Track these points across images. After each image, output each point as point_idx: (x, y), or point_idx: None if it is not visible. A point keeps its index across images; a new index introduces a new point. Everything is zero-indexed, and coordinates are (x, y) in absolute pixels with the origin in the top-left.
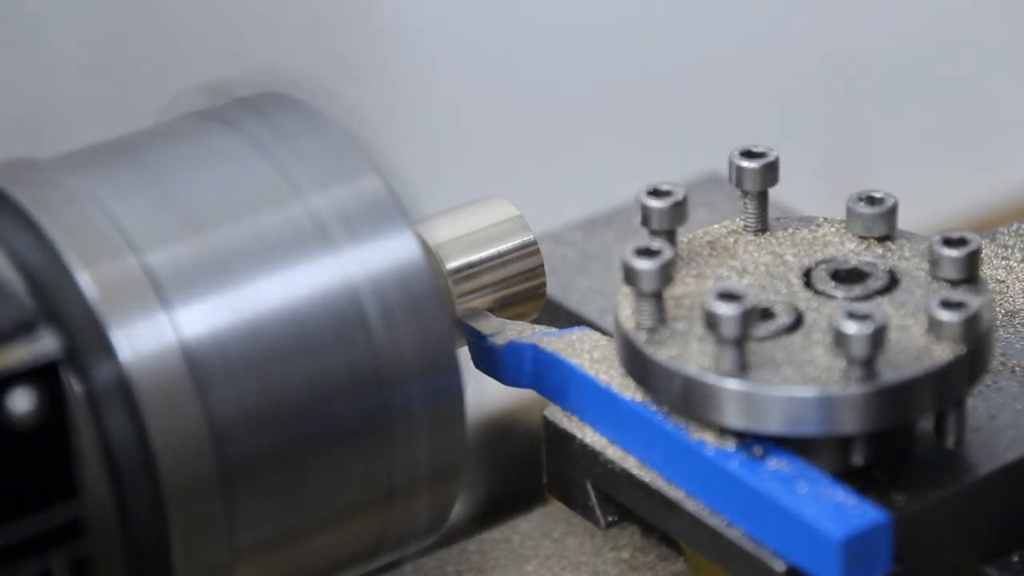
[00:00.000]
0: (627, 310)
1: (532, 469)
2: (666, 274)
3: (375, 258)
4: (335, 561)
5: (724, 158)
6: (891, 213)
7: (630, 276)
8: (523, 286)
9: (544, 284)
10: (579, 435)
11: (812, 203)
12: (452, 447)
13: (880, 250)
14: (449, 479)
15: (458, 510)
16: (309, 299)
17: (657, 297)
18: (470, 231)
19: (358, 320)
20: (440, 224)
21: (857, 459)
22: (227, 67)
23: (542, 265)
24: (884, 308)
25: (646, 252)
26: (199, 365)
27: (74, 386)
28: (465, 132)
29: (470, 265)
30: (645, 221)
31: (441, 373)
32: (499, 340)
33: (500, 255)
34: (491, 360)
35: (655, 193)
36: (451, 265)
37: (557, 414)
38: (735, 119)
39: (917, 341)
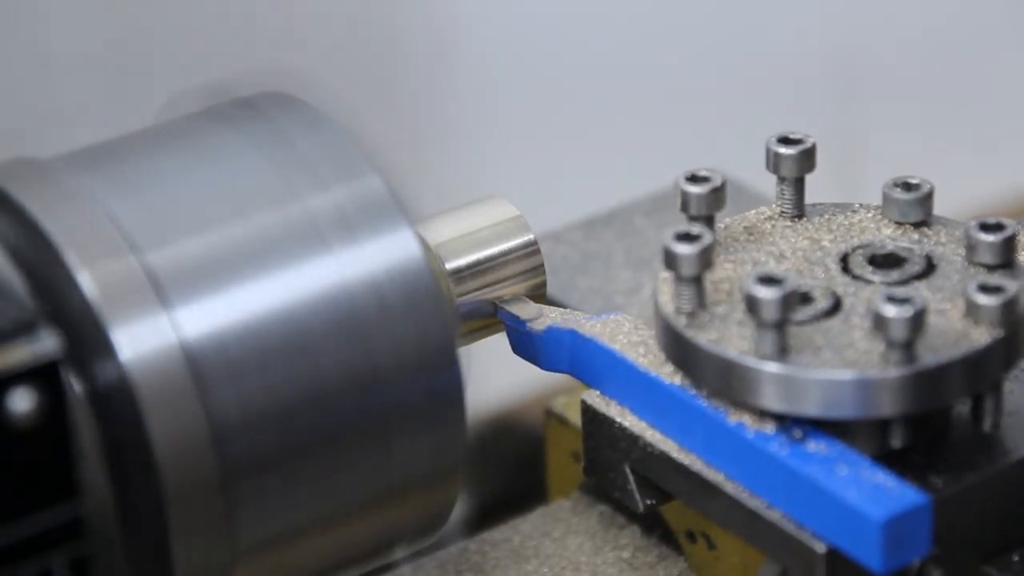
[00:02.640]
0: (666, 295)
1: (532, 469)
2: (706, 258)
3: (375, 258)
4: (335, 561)
5: (725, 157)
6: (927, 199)
7: (670, 261)
8: (523, 286)
9: (544, 284)
10: (618, 419)
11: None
12: (452, 446)
13: (916, 235)
14: (449, 478)
15: (458, 510)
16: (310, 298)
17: (697, 281)
18: (470, 231)
19: (358, 320)
20: (440, 224)
21: (895, 442)
22: (227, 67)
23: (542, 265)
24: (922, 293)
25: (686, 237)
26: (199, 365)
27: (74, 386)
28: (466, 132)
29: (470, 265)
30: (684, 207)
31: (441, 372)
32: (537, 325)
33: (500, 255)
34: (529, 345)
35: (693, 179)
36: (451, 265)
37: (595, 399)
38: (736, 118)
39: (955, 325)
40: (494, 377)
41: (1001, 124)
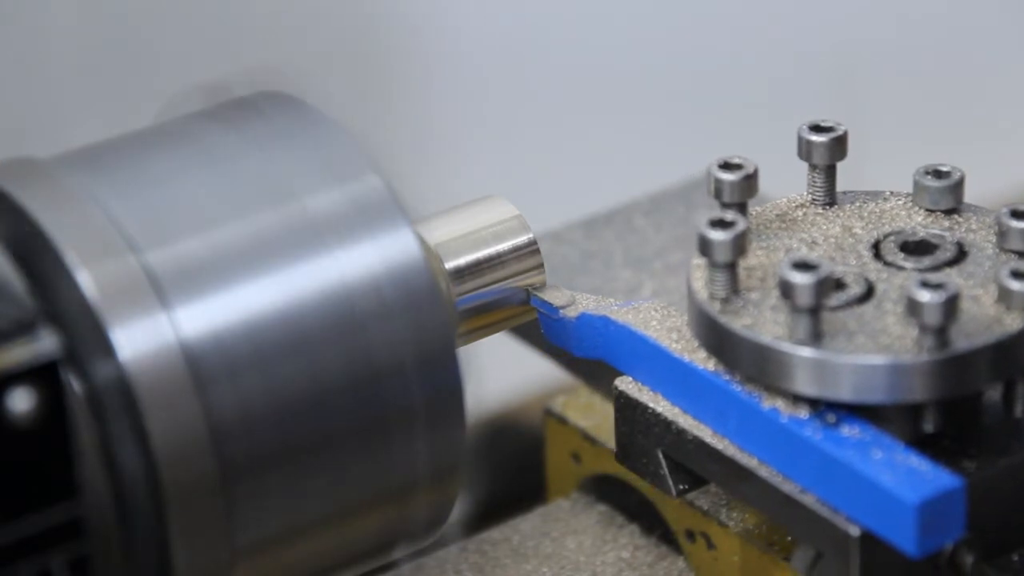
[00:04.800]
0: (700, 281)
1: (532, 469)
2: (740, 245)
3: (375, 257)
4: (335, 561)
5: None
6: (957, 186)
7: (705, 247)
8: (523, 285)
9: (544, 284)
10: (651, 405)
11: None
12: (452, 446)
13: (947, 223)
14: (449, 478)
15: (458, 510)
16: (309, 298)
17: (731, 268)
18: (470, 231)
19: (358, 319)
20: (440, 224)
21: (928, 426)
22: (227, 67)
23: (542, 264)
24: (954, 279)
25: (720, 223)
26: (199, 364)
27: (74, 386)
28: (466, 132)
29: (470, 265)
30: (717, 194)
31: (441, 372)
32: (571, 312)
33: (500, 255)
34: (562, 332)
35: (726, 166)
36: (451, 265)
37: (628, 384)
38: (736, 118)
39: (987, 311)
40: (494, 377)
41: (1002, 122)
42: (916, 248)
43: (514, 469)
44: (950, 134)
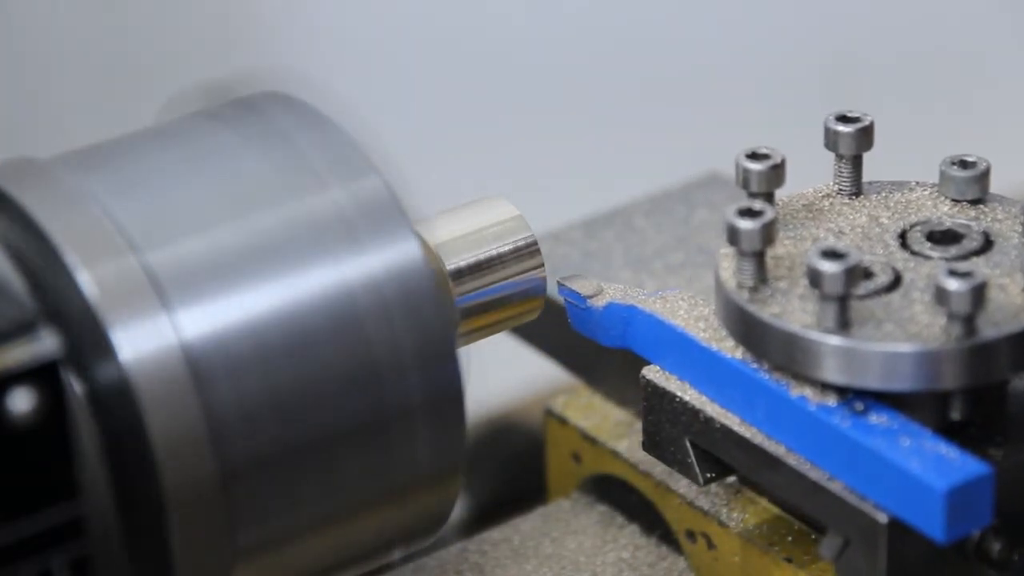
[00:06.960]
0: (728, 270)
1: (532, 469)
2: (768, 234)
3: (375, 258)
4: (335, 560)
5: (724, 158)
6: (983, 177)
7: (733, 236)
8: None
9: (544, 283)
10: (679, 393)
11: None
12: (452, 446)
13: (973, 213)
14: (449, 478)
15: (458, 510)
16: (309, 299)
17: (759, 256)
18: (470, 231)
19: (358, 320)
20: (440, 224)
21: (955, 414)
22: (227, 67)
23: (542, 265)
24: (981, 268)
25: (748, 212)
26: (199, 365)
27: (74, 386)
28: (465, 132)
29: (470, 265)
30: (745, 184)
31: (441, 372)
32: (598, 302)
33: (500, 255)
34: (589, 322)
35: (753, 156)
36: (451, 265)
37: (655, 374)
38: (736, 119)
39: (1014, 299)
40: (494, 377)
41: (1003, 122)
42: (943, 237)
43: (514, 469)
44: (950, 133)
